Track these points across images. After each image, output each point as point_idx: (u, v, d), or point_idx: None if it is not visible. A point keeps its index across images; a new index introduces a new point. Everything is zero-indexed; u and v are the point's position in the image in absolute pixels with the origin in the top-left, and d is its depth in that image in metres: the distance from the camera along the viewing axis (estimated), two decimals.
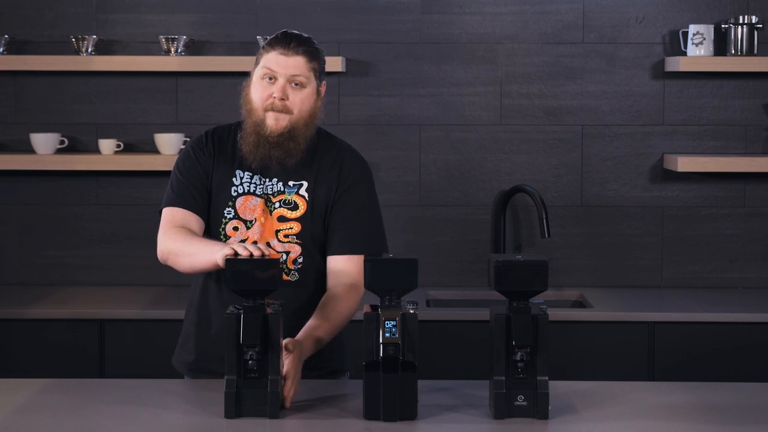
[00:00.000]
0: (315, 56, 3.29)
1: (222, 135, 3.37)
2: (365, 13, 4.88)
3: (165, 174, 4.88)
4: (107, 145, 4.80)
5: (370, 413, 2.87)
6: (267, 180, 3.30)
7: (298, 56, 3.25)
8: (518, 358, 2.88)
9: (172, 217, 3.29)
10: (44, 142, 4.78)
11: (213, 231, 3.30)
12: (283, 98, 3.23)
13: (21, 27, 4.89)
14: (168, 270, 5.01)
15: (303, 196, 3.29)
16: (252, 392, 2.89)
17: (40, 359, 4.41)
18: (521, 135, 4.91)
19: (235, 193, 3.30)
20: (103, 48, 4.85)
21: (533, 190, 4.80)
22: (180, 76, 4.90)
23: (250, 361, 2.88)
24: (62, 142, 4.84)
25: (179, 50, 4.78)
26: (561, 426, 2.85)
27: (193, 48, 4.84)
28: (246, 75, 4.99)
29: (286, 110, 3.24)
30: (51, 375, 4.02)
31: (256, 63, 3.31)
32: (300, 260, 3.28)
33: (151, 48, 4.87)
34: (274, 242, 3.27)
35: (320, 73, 3.31)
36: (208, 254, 3.10)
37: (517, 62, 4.90)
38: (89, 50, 4.78)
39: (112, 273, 4.93)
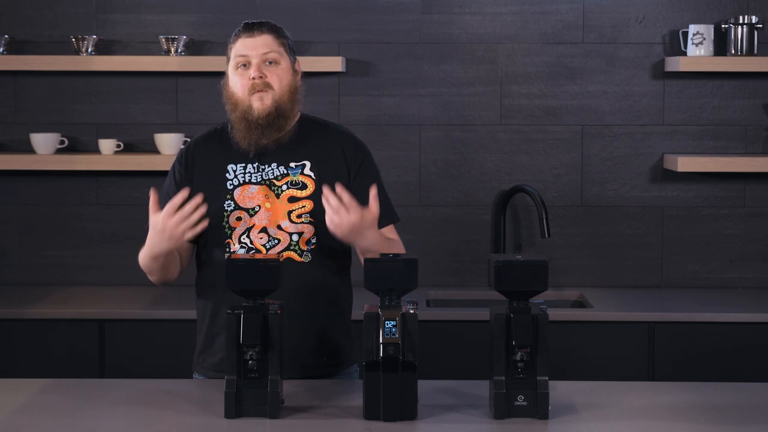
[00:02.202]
0: (280, 33, 3.35)
1: (202, 140, 3.41)
2: (365, 13, 4.88)
3: (165, 174, 4.88)
4: (107, 145, 4.80)
5: (370, 413, 2.87)
6: (266, 167, 3.32)
7: (264, 35, 3.31)
8: (518, 358, 2.88)
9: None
10: (44, 142, 4.78)
11: (216, 226, 3.30)
12: (262, 76, 3.27)
13: (21, 27, 4.89)
14: None
15: (309, 176, 3.31)
16: (252, 392, 2.89)
17: (40, 359, 4.41)
18: (521, 135, 4.92)
19: (231, 186, 3.31)
20: (103, 48, 4.85)
21: (533, 190, 4.80)
22: (180, 76, 4.90)
23: (250, 361, 2.88)
24: (62, 142, 4.84)
25: (179, 50, 4.78)
26: (561, 426, 2.85)
27: (193, 48, 4.84)
28: None
29: (267, 87, 3.27)
30: (51, 375, 4.02)
31: (228, 59, 3.34)
32: (313, 240, 3.29)
33: (151, 48, 4.88)
34: (286, 224, 3.28)
35: (291, 50, 3.35)
36: (148, 244, 3.24)
37: (517, 62, 4.90)
38: (89, 50, 4.78)
39: (112, 273, 4.93)
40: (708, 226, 4.92)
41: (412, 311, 2.89)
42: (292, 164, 3.32)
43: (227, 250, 3.28)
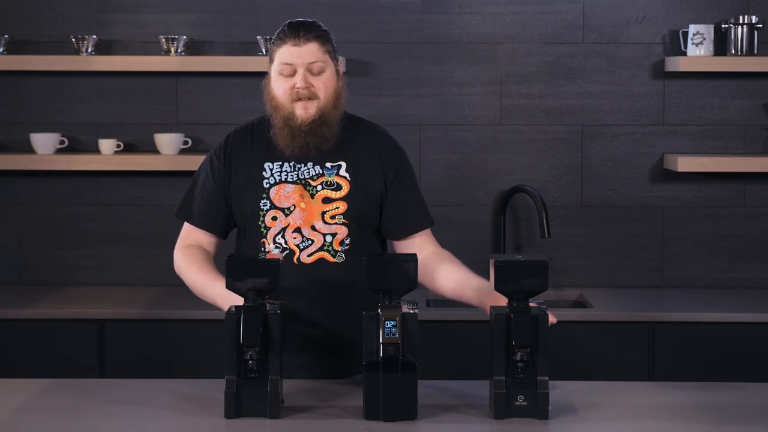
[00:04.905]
0: (326, 38, 3.32)
1: (240, 135, 3.39)
2: (365, 13, 4.88)
3: (165, 174, 4.90)
4: (107, 145, 4.80)
5: (370, 413, 2.87)
6: (302, 166, 3.32)
7: (311, 43, 3.28)
8: (518, 358, 2.88)
9: (187, 234, 3.41)
10: (44, 142, 4.78)
11: (252, 224, 3.31)
12: (307, 86, 3.25)
13: (21, 27, 4.89)
14: (168, 270, 5.00)
15: (344, 177, 3.31)
16: (252, 392, 2.89)
17: (40, 359, 4.41)
18: (521, 135, 4.91)
19: (268, 185, 3.31)
20: (103, 48, 4.85)
21: (533, 190, 4.80)
22: (180, 76, 4.90)
23: (250, 361, 2.89)
24: (62, 142, 4.84)
25: (179, 50, 4.78)
26: (561, 426, 2.85)
27: (193, 48, 4.84)
28: (246, 75, 4.98)
29: (312, 96, 3.25)
30: (51, 375, 4.02)
31: (271, 60, 3.32)
32: (347, 241, 3.29)
33: (151, 48, 4.87)
34: (320, 224, 3.28)
35: (335, 53, 3.34)
36: (210, 295, 3.28)
37: (517, 62, 4.90)
38: (89, 50, 4.78)
39: (112, 273, 4.93)
40: (708, 226, 4.92)
41: (412, 311, 2.89)
42: (328, 164, 3.31)
43: (262, 249, 3.29)
